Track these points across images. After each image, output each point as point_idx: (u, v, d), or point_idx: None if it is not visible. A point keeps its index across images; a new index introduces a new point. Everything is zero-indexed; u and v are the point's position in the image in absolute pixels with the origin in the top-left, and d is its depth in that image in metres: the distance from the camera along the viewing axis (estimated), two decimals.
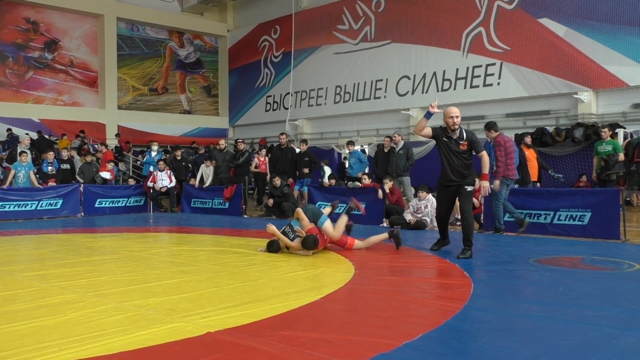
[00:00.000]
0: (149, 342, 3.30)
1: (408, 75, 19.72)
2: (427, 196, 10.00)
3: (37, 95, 22.49)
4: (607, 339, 3.32)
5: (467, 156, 6.58)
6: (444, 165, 6.66)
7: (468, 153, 6.58)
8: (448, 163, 6.61)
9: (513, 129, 16.47)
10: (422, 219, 9.89)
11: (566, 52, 15.71)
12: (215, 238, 9.04)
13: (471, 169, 6.63)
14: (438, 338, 3.37)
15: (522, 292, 4.71)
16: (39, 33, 22.57)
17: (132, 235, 9.46)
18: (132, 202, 14.23)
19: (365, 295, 4.74)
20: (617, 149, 11.23)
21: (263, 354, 3.08)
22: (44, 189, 12.85)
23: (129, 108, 24.91)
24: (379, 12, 20.71)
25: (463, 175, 6.58)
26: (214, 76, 27.96)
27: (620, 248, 7.32)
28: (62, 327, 3.64)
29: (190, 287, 4.96)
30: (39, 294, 4.67)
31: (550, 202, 8.64)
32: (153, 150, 16.21)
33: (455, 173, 6.59)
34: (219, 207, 13.55)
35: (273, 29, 25.05)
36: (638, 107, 14.82)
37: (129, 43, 25.09)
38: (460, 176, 6.59)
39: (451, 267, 5.91)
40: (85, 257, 6.82)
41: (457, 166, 6.57)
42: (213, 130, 26.75)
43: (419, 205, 10.00)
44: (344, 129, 21.86)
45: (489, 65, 17.48)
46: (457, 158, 6.56)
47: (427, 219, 9.85)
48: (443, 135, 6.62)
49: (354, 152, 13.47)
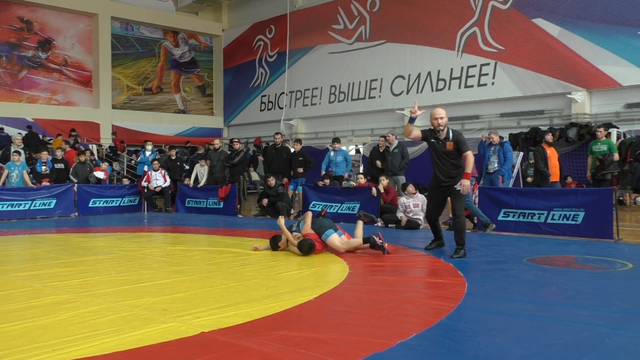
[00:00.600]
0: (143, 342, 3.30)
1: (403, 75, 19.75)
2: (416, 194, 9.95)
3: (30, 94, 22.40)
4: (600, 338, 3.34)
5: (454, 156, 6.62)
6: (433, 166, 6.76)
7: (455, 153, 6.61)
8: (436, 164, 6.70)
9: (507, 128, 16.53)
10: (415, 217, 9.84)
11: (560, 52, 15.77)
12: (210, 238, 9.03)
13: (460, 169, 6.65)
14: (432, 337, 3.38)
15: (516, 292, 4.73)
16: (33, 32, 22.47)
17: (126, 235, 9.43)
18: (126, 202, 14.19)
19: (360, 294, 4.75)
20: (612, 149, 11.25)
21: (257, 354, 3.07)
22: (38, 189, 12.80)
23: (123, 107, 24.84)
24: (373, 12, 20.73)
25: (451, 176, 6.63)
26: (208, 76, 27.92)
27: (613, 247, 7.35)
28: (55, 328, 3.63)
29: (184, 287, 4.95)
30: (32, 294, 4.65)
31: (544, 202, 8.67)
32: (147, 149, 16.17)
33: (444, 173, 6.65)
34: (214, 206, 13.53)
35: (268, 29, 25.04)
36: (631, 107, 14.89)
37: (124, 42, 25.01)
38: (448, 176, 6.64)
39: (445, 267, 5.93)
40: (79, 257, 6.80)
41: (446, 166, 6.63)
42: (208, 129, 26.72)
43: (408, 203, 9.93)
44: (339, 129, 21.87)
45: (483, 65, 17.53)
46: (445, 158, 6.62)
47: (420, 217, 9.80)
48: (431, 136, 6.70)
49: (339, 151, 13.27)
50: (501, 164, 11.04)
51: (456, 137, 6.61)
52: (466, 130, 17.74)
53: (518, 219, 8.91)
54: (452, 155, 6.60)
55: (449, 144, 6.56)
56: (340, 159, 13.14)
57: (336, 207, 11.59)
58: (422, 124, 19.30)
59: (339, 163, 13.10)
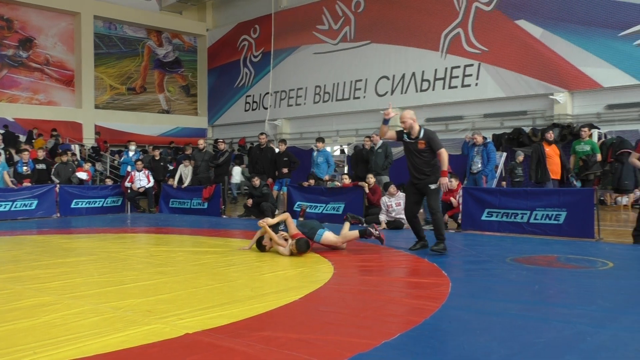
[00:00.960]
0: (126, 344, 3.27)
1: (387, 76, 19.82)
2: (397, 193, 9.99)
3: (11, 94, 22.09)
4: (581, 337, 3.38)
5: (426, 155, 6.86)
6: (408, 164, 7.04)
7: (428, 152, 6.85)
8: (410, 162, 6.99)
9: (491, 129, 16.66)
10: (398, 217, 9.86)
11: (542, 53, 15.93)
12: (194, 238, 8.98)
13: (434, 168, 6.89)
14: (416, 337, 3.39)
15: (499, 291, 4.77)
16: (14, 31, 22.16)
17: (109, 236, 9.35)
18: (109, 202, 14.06)
19: (344, 295, 4.75)
20: (594, 150, 11.32)
21: (241, 355, 3.06)
22: (19, 190, 12.63)
23: (106, 107, 24.61)
24: (358, 12, 20.78)
25: (425, 173, 6.88)
26: (192, 75, 27.77)
27: (595, 247, 7.44)
28: (36, 330, 3.57)
29: (168, 288, 4.92)
30: (13, 296, 4.59)
31: (527, 202, 8.75)
32: (131, 150, 16.05)
33: (418, 171, 6.92)
34: (198, 207, 13.46)
35: (252, 29, 24.97)
36: (612, 108, 15.10)
37: (107, 42, 24.78)
38: (422, 174, 6.89)
39: (429, 267, 5.96)
40: (61, 258, 6.72)
41: (418, 164, 6.90)
42: (192, 130, 26.57)
43: (390, 203, 9.98)
44: (324, 129, 21.88)
45: (467, 66, 17.65)
46: (418, 157, 6.88)
47: (403, 216, 9.81)
48: (404, 136, 6.95)
49: (322, 151, 12.94)
50: (485, 164, 11.12)
51: (427, 136, 6.85)
52: (450, 130, 17.87)
53: (501, 219, 8.98)
54: (424, 153, 6.86)
55: (420, 142, 6.82)
56: (322, 160, 12.81)
57: (321, 207, 11.59)
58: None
59: (320, 164, 12.79)
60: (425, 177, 6.87)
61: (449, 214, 9.77)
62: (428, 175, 6.87)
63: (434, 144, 6.80)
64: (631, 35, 14.41)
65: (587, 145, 11.40)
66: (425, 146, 6.81)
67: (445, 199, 9.84)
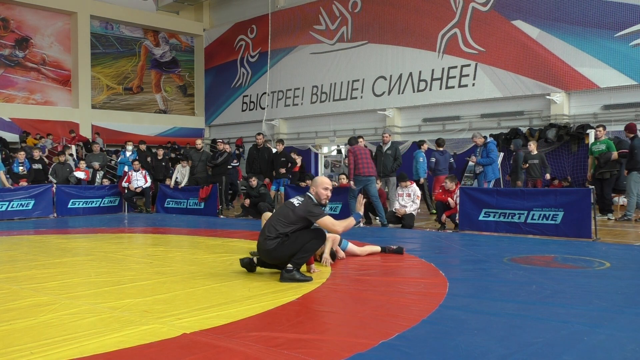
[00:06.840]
0: (124, 344, 3.26)
1: (384, 76, 19.82)
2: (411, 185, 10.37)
3: (7, 93, 22.01)
4: (578, 336, 3.38)
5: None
6: None
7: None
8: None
9: (488, 129, 16.67)
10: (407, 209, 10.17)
11: (539, 54, 15.96)
12: (191, 239, 8.97)
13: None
14: (414, 337, 3.39)
15: (496, 291, 4.77)
16: (10, 30, 22.09)
17: (106, 236, 9.33)
18: (106, 202, 14.04)
19: (342, 295, 4.75)
20: (610, 148, 11.18)
21: (239, 355, 3.06)
22: (15, 190, 12.60)
23: (103, 107, 24.54)
24: (355, 12, 20.78)
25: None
26: (189, 75, 27.73)
27: (592, 247, 7.46)
28: (33, 330, 3.57)
29: (165, 288, 4.91)
30: (10, 296, 4.58)
31: (524, 202, 8.77)
32: (128, 150, 16.01)
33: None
34: (195, 207, 13.45)
35: (249, 29, 24.95)
36: (608, 108, 15.13)
37: (103, 41, 24.73)
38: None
39: (426, 267, 5.96)
40: (58, 258, 6.71)
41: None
42: (189, 130, 26.53)
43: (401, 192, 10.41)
44: (321, 129, 21.89)
45: (464, 67, 17.67)
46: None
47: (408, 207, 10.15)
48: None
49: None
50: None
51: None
52: (447, 130, 17.89)
53: (499, 219, 9.00)
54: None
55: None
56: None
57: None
58: (406, 124, 19.44)
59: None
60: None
61: (447, 214, 9.79)
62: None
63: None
64: (627, 35, 14.44)
65: (602, 144, 11.33)
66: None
67: (443, 199, 9.87)
